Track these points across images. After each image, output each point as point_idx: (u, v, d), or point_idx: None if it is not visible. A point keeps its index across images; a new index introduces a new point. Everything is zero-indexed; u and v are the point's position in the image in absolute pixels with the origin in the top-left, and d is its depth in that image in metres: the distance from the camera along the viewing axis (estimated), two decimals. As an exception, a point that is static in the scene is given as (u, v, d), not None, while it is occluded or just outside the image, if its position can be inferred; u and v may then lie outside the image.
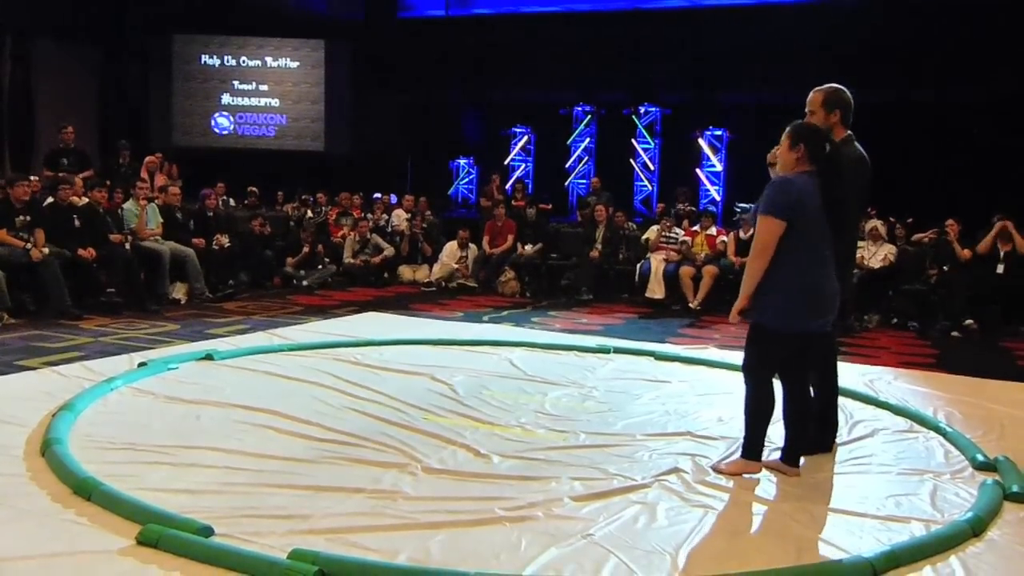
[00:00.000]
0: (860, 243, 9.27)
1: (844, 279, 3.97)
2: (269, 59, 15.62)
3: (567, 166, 14.71)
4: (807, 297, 3.54)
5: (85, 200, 8.37)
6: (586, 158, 14.67)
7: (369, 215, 11.96)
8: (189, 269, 8.69)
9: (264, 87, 15.63)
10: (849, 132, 4.02)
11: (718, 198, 13.63)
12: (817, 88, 4.06)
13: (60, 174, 9.15)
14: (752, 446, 3.69)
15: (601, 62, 14.00)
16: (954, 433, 4.39)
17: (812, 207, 3.50)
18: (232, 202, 12.55)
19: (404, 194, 12.95)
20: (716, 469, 3.73)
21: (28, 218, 7.46)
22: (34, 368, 5.21)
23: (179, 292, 8.61)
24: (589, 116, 14.59)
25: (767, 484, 3.63)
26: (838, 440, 4.22)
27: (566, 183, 14.72)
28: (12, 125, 13.63)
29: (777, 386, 3.71)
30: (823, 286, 3.56)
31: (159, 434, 3.92)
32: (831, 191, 3.53)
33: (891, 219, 10.27)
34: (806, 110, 4.05)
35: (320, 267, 10.79)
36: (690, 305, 9.41)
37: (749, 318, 3.66)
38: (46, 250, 7.31)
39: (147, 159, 11.09)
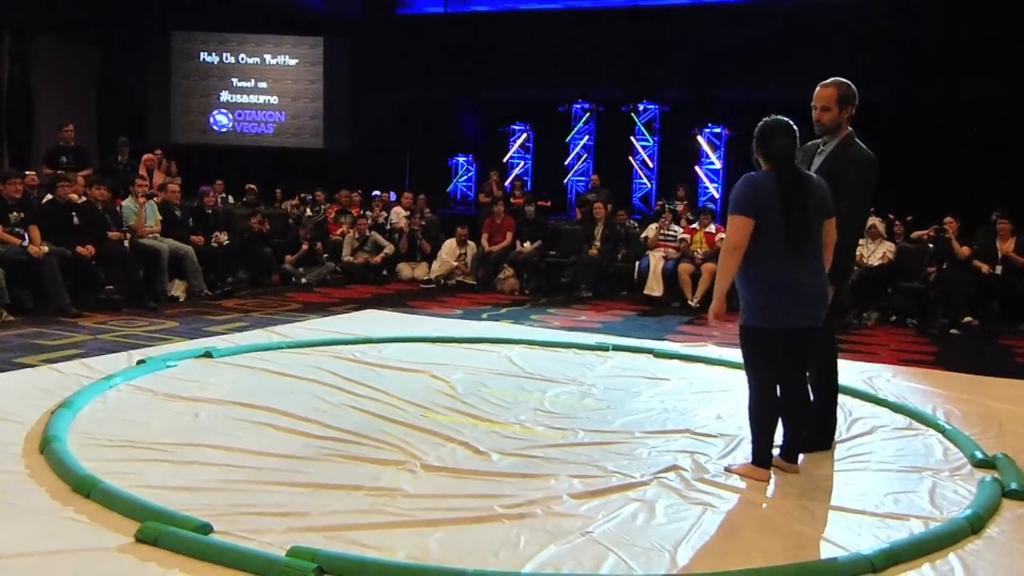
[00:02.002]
0: (859, 241, 9.27)
1: (843, 277, 3.96)
2: (268, 56, 15.61)
3: (566, 163, 14.71)
4: (783, 294, 3.49)
5: (84, 198, 8.36)
6: (585, 155, 14.67)
7: (368, 213, 11.95)
8: (188, 266, 8.69)
9: (263, 84, 15.63)
10: (850, 129, 4.01)
11: (717, 196, 13.63)
12: (825, 83, 3.97)
13: (60, 172, 9.14)
14: (760, 452, 3.63)
15: (600, 59, 14.00)
16: (953, 431, 4.39)
17: (773, 204, 3.46)
18: (231, 199, 12.54)
19: (403, 191, 12.95)
20: (727, 470, 3.71)
21: (22, 214, 7.44)
22: (33, 365, 5.20)
23: (178, 289, 8.60)
24: (588, 113, 14.59)
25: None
26: (837, 437, 4.22)
27: (565, 180, 14.73)
28: (11, 123, 13.61)
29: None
30: (800, 281, 3.50)
31: (158, 432, 3.91)
32: (784, 190, 3.48)
33: (890, 217, 10.29)
34: (815, 105, 3.97)
35: (319, 265, 10.79)
36: (689, 302, 9.42)
37: (744, 317, 3.62)
38: (46, 248, 7.30)
39: (145, 157, 11.08)
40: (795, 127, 3.58)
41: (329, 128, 15.60)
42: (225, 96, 15.60)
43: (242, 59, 15.59)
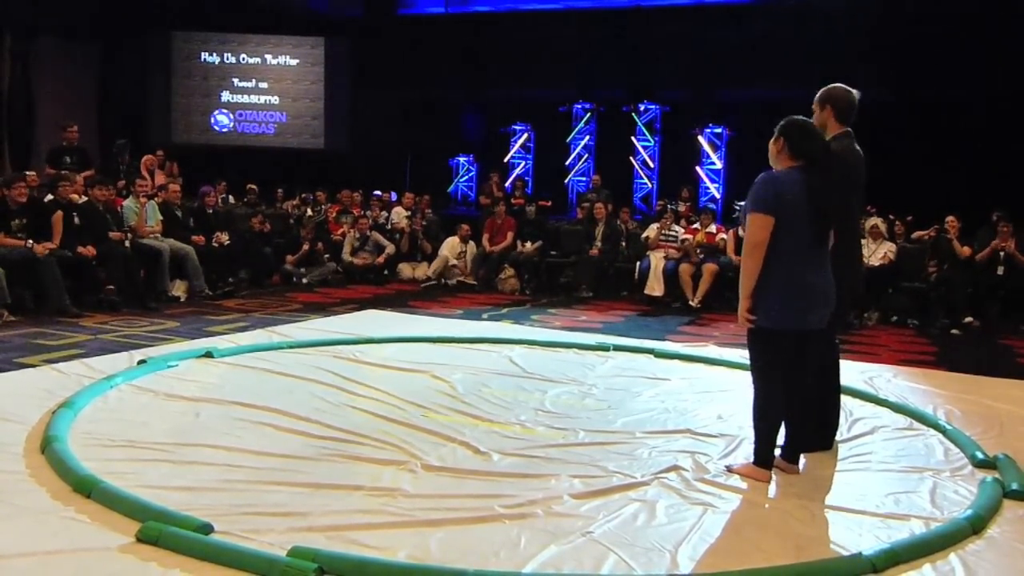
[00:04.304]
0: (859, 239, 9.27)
1: (848, 276, 3.96)
2: (269, 56, 15.62)
3: (567, 164, 14.71)
4: (798, 294, 3.50)
5: (84, 198, 8.36)
6: (586, 156, 14.67)
7: (368, 212, 11.95)
8: (189, 267, 8.69)
9: (264, 85, 15.64)
10: (845, 129, 4.02)
11: (718, 196, 13.63)
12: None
13: (63, 172, 9.14)
14: (762, 452, 3.62)
15: (601, 59, 14.01)
16: (954, 431, 4.39)
17: (796, 203, 3.46)
18: (232, 199, 12.55)
19: (404, 192, 12.95)
20: (728, 469, 3.71)
21: (24, 220, 7.42)
22: (34, 365, 5.20)
23: (179, 290, 8.60)
24: (589, 113, 14.58)
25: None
26: (838, 438, 4.22)
27: (566, 181, 14.73)
28: (12, 123, 13.62)
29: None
30: (814, 282, 3.52)
31: (159, 432, 3.92)
32: (816, 188, 3.50)
33: (891, 217, 10.28)
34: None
35: (320, 265, 10.79)
36: (689, 303, 9.41)
37: (756, 318, 3.59)
38: (50, 245, 7.30)
39: (144, 158, 11.06)
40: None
41: (330, 128, 15.60)
42: (226, 96, 15.61)
43: (243, 59, 15.60)
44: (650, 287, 9.75)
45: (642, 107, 14.21)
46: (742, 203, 8.25)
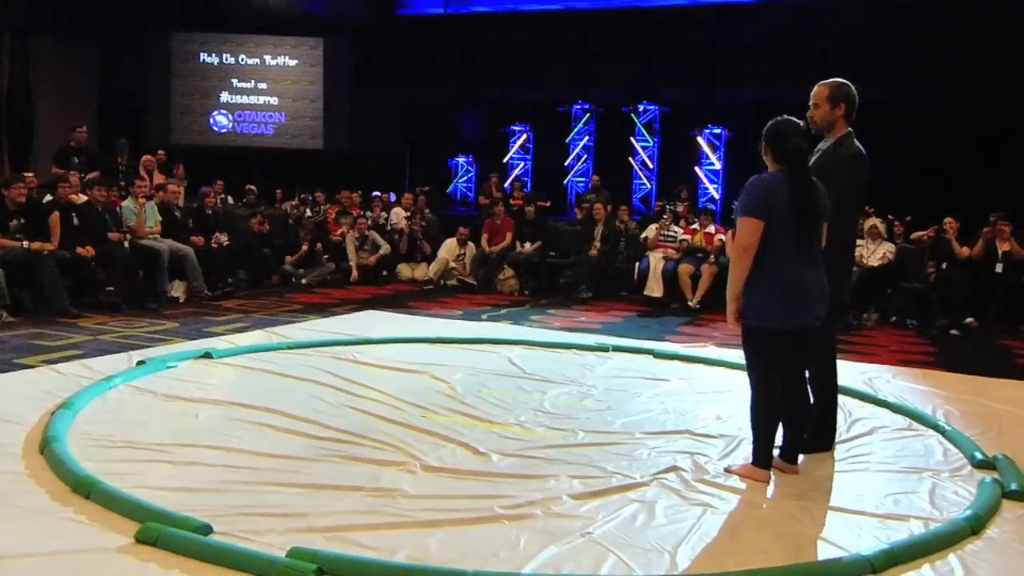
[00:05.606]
0: (859, 241, 9.27)
1: (842, 277, 3.95)
2: (268, 57, 15.62)
3: (566, 164, 14.72)
4: (788, 294, 3.50)
5: (84, 198, 8.36)
6: (585, 156, 14.67)
7: (368, 213, 11.94)
8: (188, 267, 8.68)
9: (263, 85, 15.64)
10: (849, 129, 4.02)
11: (717, 196, 13.63)
12: (822, 82, 4.04)
13: (72, 172, 9.13)
14: (761, 452, 3.63)
15: (600, 60, 14.01)
16: (953, 431, 4.39)
17: (784, 204, 3.48)
18: (231, 200, 12.54)
19: (403, 192, 12.94)
20: (727, 470, 3.71)
21: (22, 221, 7.41)
22: (33, 366, 5.20)
23: (178, 290, 8.60)
24: (588, 114, 14.59)
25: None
26: (837, 438, 4.21)
27: (565, 181, 14.73)
28: (11, 123, 13.62)
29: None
30: (804, 282, 3.52)
31: (158, 432, 3.91)
32: (796, 191, 3.50)
33: (890, 217, 10.28)
34: (810, 103, 4.03)
35: (319, 266, 10.78)
36: (689, 303, 9.41)
37: (748, 317, 3.62)
38: (49, 245, 7.30)
39: (144, 158, 11.05)
40: (805, 128, 3.60)
41: (329, 129, 15.60)
42: (225, 97, 15.61)
43: (242, 60, 15.60)
44: (649, 288, 9.75)
45: (641, 108, 14.22)
46: (740, 203, 8.19)
